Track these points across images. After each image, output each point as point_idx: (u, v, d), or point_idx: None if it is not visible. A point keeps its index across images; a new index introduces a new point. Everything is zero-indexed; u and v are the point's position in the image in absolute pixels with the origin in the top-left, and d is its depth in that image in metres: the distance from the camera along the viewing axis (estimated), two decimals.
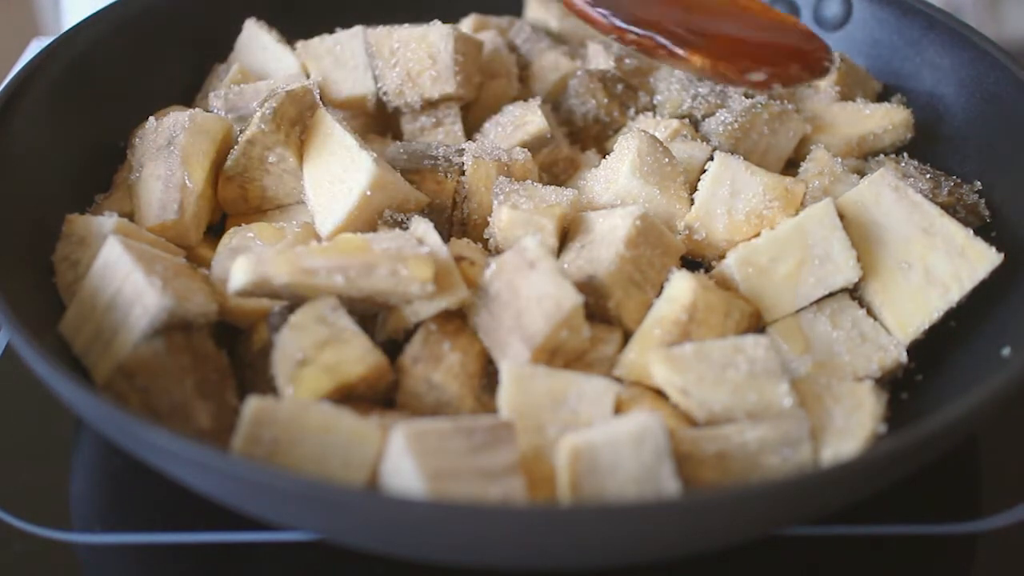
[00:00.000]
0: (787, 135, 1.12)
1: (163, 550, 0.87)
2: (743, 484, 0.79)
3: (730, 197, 0.98)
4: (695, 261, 1.01)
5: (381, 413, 0.85)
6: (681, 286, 0.90)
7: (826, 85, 1.20)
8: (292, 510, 0.75)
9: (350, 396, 0.85)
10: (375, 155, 0.96)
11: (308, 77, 1.14)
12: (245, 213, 1.04)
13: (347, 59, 1.14)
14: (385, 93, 1.12)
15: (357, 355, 0.84)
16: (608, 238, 0.93)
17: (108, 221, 0.95)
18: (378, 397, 0.88)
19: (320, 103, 1.02)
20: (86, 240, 0.95)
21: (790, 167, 1.13)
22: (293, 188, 1.02)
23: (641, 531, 0.72)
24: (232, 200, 1.03)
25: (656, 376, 0.86)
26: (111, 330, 0.86)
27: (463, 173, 1.01)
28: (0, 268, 0.87)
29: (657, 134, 1.07)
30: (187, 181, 0.99)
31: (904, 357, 0.94)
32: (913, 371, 0.96)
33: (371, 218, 0.96)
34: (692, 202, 1.00)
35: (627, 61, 1.20)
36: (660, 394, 0.88)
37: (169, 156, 1.00)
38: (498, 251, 0.96)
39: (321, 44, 1.16)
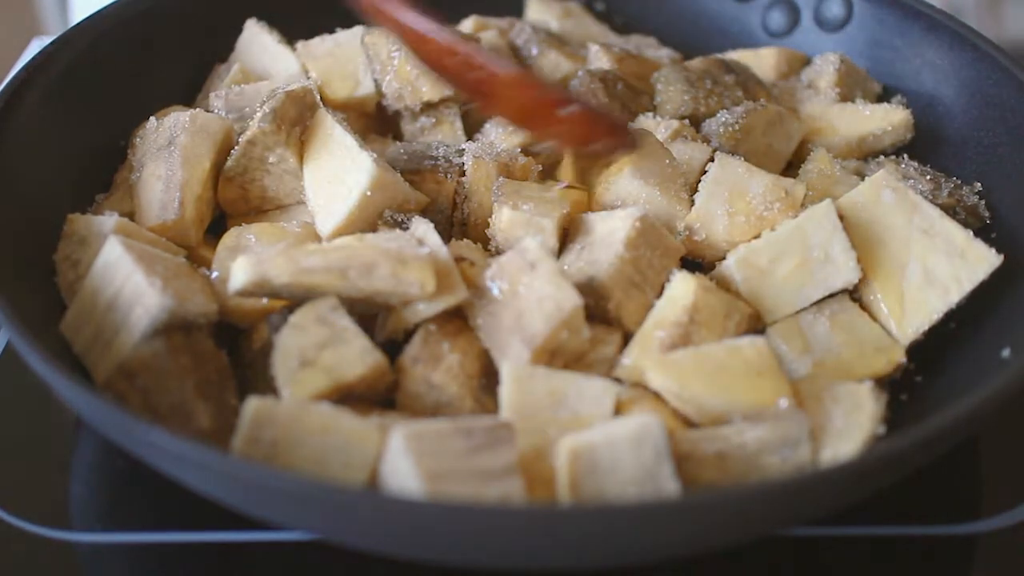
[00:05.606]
0: (787, 136, 1.12)
1: (163, 550, 0.87)
2: (743, 484, 0.79)
3: (730, 198, 0.98)
4: (694, 262, 1.01)
5: (381, 413, 0.85)
6: (682, 287, 0.90)
7: (826, 86, 1.20)
8: (292, 510, 0.75)
9: (350, 396, 0.85)
10: (375, 155, 0.96)
11: (308, 77, 1.14)
12: (245, 213, 1.04)
13: (347, 60, 1.13)
14: (384, 97, 1.12)
15: (357, 355, 0.84)
16: (608, 240, 0.93)
17: (109, 221, 0.95)
18: (378, 397, 0.88)
19: (320, 103, 1.02)
20: (87, 240, 0.95)
21: (790, 168, 1.13)
22: (293, 188, 1.02)
23: (641, 531, 0.72)
24: (232, 200, 1.03)
25: (652, 381, 0.86)
26: (112, 330, 0.86)
27: (463, 173, 1.01)
28: (0, 268, 0.87)
29: (658, 135, 1.07)
30: (188, 181, 0.99)
31: (903, 358, 0.94)
32: (912, 372, 0.96)
33: (371, 218, 0.96)
34: (692, 203, 1.00)
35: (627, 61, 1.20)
36: (660, 395, 0.88)
37: (170, 156, 1.00)
38: (498, 252, 0.96)
39: (321, 44, 1.16)
